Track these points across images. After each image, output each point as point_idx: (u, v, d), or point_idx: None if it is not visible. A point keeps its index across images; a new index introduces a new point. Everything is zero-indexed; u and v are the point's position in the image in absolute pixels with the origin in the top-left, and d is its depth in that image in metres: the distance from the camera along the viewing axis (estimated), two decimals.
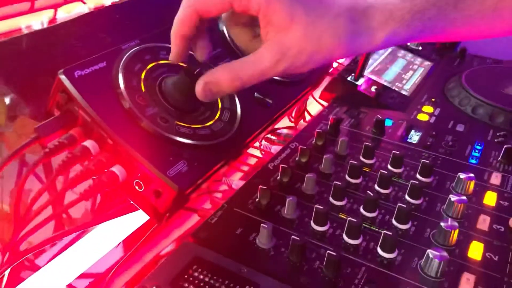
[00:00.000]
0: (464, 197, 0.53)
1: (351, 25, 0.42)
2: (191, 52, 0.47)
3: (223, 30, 0.61)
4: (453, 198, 0.53)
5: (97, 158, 0.43)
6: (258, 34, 0.46)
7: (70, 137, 0.43)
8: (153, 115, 0.46)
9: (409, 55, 0.94)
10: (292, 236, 0.46)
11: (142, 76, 0.48)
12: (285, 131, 0.77)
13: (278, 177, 0.57)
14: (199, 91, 0.44)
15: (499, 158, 0.63)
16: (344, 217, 0.52)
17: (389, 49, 0.94)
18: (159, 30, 0.53)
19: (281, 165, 0.57)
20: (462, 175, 0.56)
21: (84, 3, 1.19)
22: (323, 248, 0.48)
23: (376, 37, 0.43)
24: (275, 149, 0.69)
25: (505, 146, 0.63)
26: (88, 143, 0.43)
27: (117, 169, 0.43)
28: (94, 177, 0.43)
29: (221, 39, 0.60)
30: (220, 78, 0.44)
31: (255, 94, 0.57)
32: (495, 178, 0.60)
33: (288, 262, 0.46)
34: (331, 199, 0.55)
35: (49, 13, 1.13)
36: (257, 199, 0.53)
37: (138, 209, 0.50)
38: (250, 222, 0.51)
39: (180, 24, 0.44)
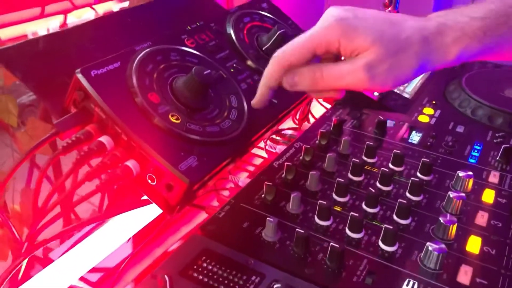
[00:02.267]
0: (463, 194, 0.55)
1: (424, 43, 0.45)
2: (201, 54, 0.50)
3: (230, 33, 0.63)
4: (452, 194, 0.55)
5: (112, 153, 0.45)
6: None
7: (87, 132, 0.45)
8: (165, 112, 0.48)
9: None
10: (297, 229, 0.48)
11: (154, 76, 0.50)
12: (289, 132, 0.79)
13: (283, 175, 0.59)
14: (285, 79, 0.48)
15: (498, 158, 0.65)
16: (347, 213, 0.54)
17: None
18: (169, 32, 0.56)
19: (286, 163, 0.59)
20: (461, 173, 0.58)
21: (93, 9, 1.22)
22: (326, 241, 0.50)
23: (450, 52, 0.46)
24: (279, 149, 0.72)
25: (503, 146, 0.65)
26: (104, 138, 0.45)
27: (131, 163, 0.45)
28: (109, 171, 0.45)
29: (228, 42, 0.62)
30: (304, 70, 0.47)
31: None
32: (494, 177, 0.62)
33: (293, 254, 0.48)
34: (334, 195, 0.57)
35: (59, 18, 1.16)
36: (263, 195, 0.56)
37: (147, 204, 0.52)
38: (256, 216, 0.53)
39: (268, 77, 0.49)
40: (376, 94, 0.81)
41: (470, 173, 0.59)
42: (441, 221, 0.51)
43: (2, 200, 0.92)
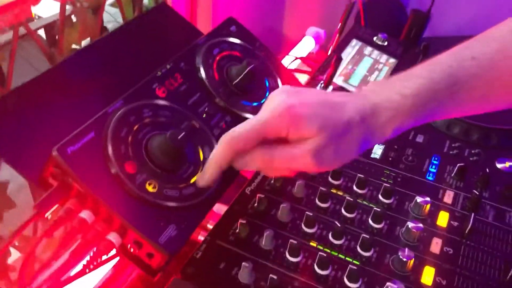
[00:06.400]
0: (420, 224, 0.60)
1: (363, 124, 0.48)
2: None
3: (200, 71, 0.63)
4: (410, 225, 0.60)
5: (93, 228, 0.47)
6: None
7: (68, 210, 0.47)
8: (142, 182, 0.49)
9: (375, 53, 0.98)
10: (270, 276, 0.52)
11: (129, 139, 0.51)
12: None
13: (256, 205, 0.63)
14: (236, 161, 0.49)
15: (453, 175, 0.70)
16: (315, 245, 0.58)
17: (356, 48, 0.97)
18: (139, 86, 0.56)
19: (258, 195, 0.62)
20: (419, 199, 0.63)
21: None
22: (296, 279, 0.55)
23: (386, 130, 0.49)
24: None
25: (458, 165, 0.70)
26: (84, 214, 0.47)
27: (112, 236, 0.47)
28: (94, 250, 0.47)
29: (198, 81, 0.63)
30: (255, 154, 0.48)
31: None
32: (448, 197, 0.67)
33: None
34: (303, 226, 0.61)
35: None
36: (237, 231, 0.59)
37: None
38: (232, 255, 0.57)
39: (220, 160, 0.49)
40: None
41: (427, 198, 0.64)
42: (400, 256, 0.56)
43: None
